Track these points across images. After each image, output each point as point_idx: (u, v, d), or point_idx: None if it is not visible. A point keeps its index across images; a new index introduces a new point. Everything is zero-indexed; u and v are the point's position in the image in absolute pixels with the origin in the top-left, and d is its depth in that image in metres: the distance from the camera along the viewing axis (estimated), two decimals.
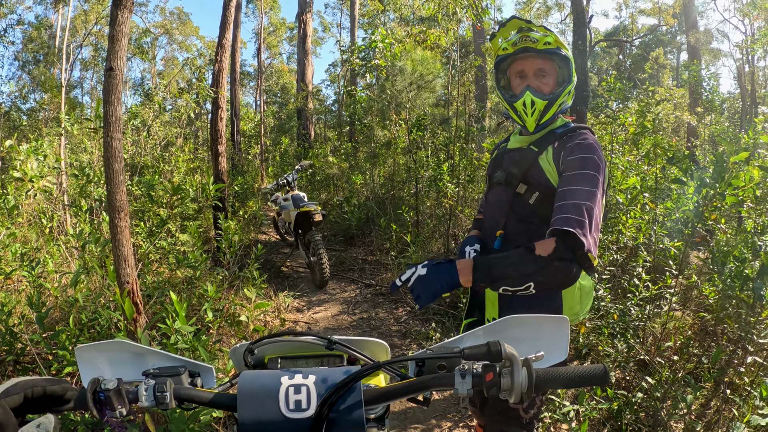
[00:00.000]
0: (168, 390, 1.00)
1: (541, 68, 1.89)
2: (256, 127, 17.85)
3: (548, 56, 1.87)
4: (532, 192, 1.86)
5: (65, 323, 3.41)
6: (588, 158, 1.74)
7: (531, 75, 1.90)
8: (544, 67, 1.89)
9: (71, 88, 26.19)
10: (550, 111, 1.89)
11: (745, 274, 3.19)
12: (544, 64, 1.88)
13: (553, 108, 1.89)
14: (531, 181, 1.87)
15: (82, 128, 7.36)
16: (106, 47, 2.91)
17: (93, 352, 1.15)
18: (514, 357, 0.91)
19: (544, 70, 1.89)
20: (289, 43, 36.93)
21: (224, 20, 7.69)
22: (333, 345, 1.19)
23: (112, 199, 2.90)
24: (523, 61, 1.91)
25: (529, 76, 1.91)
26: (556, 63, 1.90)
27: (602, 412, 3.19)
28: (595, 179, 1.70)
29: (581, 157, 1.75)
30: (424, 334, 4.76)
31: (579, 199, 1.65)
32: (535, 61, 1.89)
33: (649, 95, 7.43)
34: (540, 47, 1.84)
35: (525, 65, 1.91)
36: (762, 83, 15.06)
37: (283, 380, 0.99)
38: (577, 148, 1.78)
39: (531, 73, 1.90)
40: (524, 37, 1.85)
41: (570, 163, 1.76)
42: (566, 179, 1.74)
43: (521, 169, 1.90)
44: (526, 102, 1.89)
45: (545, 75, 1.89)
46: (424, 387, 1.00)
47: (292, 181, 7.07)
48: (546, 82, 1.89)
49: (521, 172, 1.90)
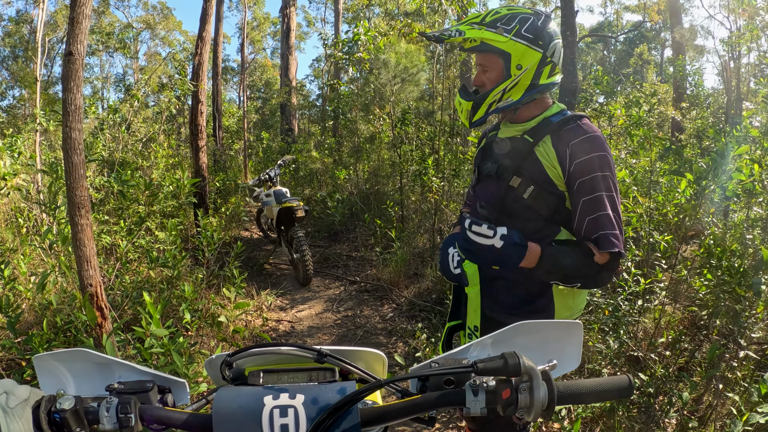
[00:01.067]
0: (133, 410, 0.86)
1: (482, 64, 1.80)
2: (239, 123, 17.64)
3: (481, 52, 1.78)
4: (526, 186, 1.74)
5: (39, 327, 3.26)
6: (599, 157, 1.67)
7: (479, 71, 1.83)
8: (484, 63, 1.79)
9: (51, 84, 25.76)
10: (479, 110, 1.82)
11: (742, 270, 3.13)
12: (483, 59, 1.79)
13: (482, 107, 1.81)
14: (525, 174, 1.75)
15: (58, 125, 7.16)
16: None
17: (53, 361, 1.02)
18: (534, 371, 0.81)
19: (485, 66, 1.79)
20: (273, 38, 36.64)
21: (204, 12, 7.54)
22: (323, 358, 1.01)
23: (72, 195, 2.73)
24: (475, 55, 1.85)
25: (478, 72, 1.84)
26: (496, 56, 1.76)
27: (594, 410, 3.11)
28: (610, 180, 1.68)
29: (592, 158, 1.66)
30: (410, 332, 4.65)
31: (608, 209, 1.66)
32: (478, 56, 1.82)
33: (638, 89, 7.39)
34: (466, 45, 1.79)
35: (476, 59, 1.85)
36: (746, 79, 15.13)
37: (266, 400, 0.85)
38: (585, 144, 1.68)
39: (479, 69, 1.83)
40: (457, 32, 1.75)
41: (583, 166, 1.67)
42: (586, 186, 1.67)
43: (514, 161, 1.78)
44: (456, 103, 1.91)
45: (487, 70, 1.79)
46: (430, 406, 0.87)
47: (275, 177, 6.95)
48: (489, 78, 1.79)
49: (514, 164, 1.77)
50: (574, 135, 1.70)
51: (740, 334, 3.12)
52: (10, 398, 0.79)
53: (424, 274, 5.81)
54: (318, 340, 4.68)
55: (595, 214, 1.65)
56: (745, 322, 3.10)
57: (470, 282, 1.89)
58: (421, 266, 6.05)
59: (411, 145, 8.04)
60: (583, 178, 1.66)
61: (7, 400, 0.78)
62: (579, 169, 1.67)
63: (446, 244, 1.98)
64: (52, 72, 25.94)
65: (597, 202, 1.64)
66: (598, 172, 1.65)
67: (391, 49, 8.06)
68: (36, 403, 0.82)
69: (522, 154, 1.77)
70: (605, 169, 1.65)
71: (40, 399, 0.83)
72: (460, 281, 1.92)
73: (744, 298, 3.14)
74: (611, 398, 0.87)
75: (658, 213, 4.33)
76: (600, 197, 1.64)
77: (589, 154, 1.66)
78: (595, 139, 1.69)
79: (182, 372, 2.71)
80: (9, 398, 0.79)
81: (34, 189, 5.96)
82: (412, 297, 5.40)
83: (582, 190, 1.67)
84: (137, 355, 2.95)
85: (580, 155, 1.67)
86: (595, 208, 1.65)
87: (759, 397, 2.47)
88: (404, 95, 8.30)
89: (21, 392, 0.81)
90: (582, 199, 1.67)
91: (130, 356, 3.07)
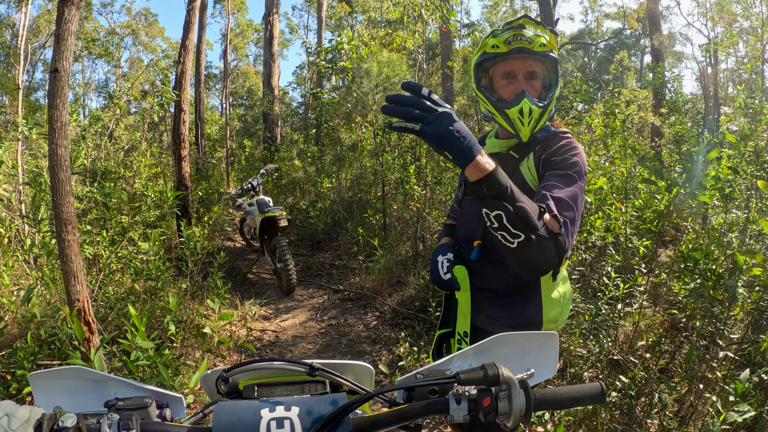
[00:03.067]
0: (134, 426, 0.88)
1: (532, 71, 1.73)
2: (221, 131, 17.57)
3: (541, 58, 1.72)
4: None
5: (23, 340, 3.23)
6: (570, 158, 1.66)
7: (521, 77, 1.74)
8: (535, 70, 1.73)
9: (33, 91, 25.48)
10: (543, 118, 1.74)
11: (717, 273, 3.20)
12: (535, 66, 1.73)
13: (546, 115, 1.74)
14: None
15: (39, 134, 7.09)
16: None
17: (48, 379, 1.03)
18: (512, 380, 0.87)
19: (535, 73, 1.74)
20: (256, 45, 36.68)
21: (188, 21, 7.52)
22: (315, 371, 1.07)
23: (59, 212, 2.71)
24: (513, 61, 1.73)
25: (519, 79, 1.74)
26: (545, 65, 1.75)
27: (578, 413, 3.15)
28: (577, 181, 1.62)
29: (563, 158, 1.66)
30: (393, 340, 4.67)
31: (566, 197, 1.55)
32: (527, 63, 1.73)
33: (616, 96, 7.49)
34: (536, 48, 1.68)
35: (515, 66, 1.74)
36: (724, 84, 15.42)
37: (263, 413, 0.90)
38: (561, 149, 1.69)
39: (521, 76, 1.73)
40: (518, 36, 1.66)
41: (551, 163, 1.67)
42: (548, 179, 1.63)
43: None
44: (524, 110, 1.71)
45: (535, 78, 1.74)
46: (417, 414, 0.92)
47: (257, 186, 6.93)
48: (535, 86, 1.74)
49: None
50: (553, 144, 1.74)
51: (719, 336, 3.18)
52: (12, 420, 0.80)
53: (406, 282, 5.83)
54: (302, 349, 4.68)
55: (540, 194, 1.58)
56: (723, 324, 3.17)
57: (461, 286, 1.86)
58: (403, 274, 6.07)
59: (393, 153, 8.07)
60: (551, 171, 1.66)
61: (9, 423, 0.79)
62: (549, 164, 1.68)
63: (436, 252, 1.97)
64: (33, 78, 25.69)
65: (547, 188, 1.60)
66: (566, 170, 1.64)
67: (374, 58, 8.09)
68: (37, 422, 0.83)
69: (508, 171, 1.75)
70: (574, 170, 1.64)
71: (42, 417, 0.84)
72: (452, 287, 1.89)
73: (720, 301, 3.21)
74: (585, 404, 0.93)
75: (638, 219, 4.40)
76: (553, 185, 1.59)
77: (562, 155, 1.68)
78: (573, 146, 1.70)
79: (169, 384, 2.71)
80: (11, 420, 0.80)
81: (16, 199, 5.88)
82: (395, 305, 5.42)
83: (545, 181, 1.64)
84: (123, 368, 2.94)
85: (553, 155, 1.69)
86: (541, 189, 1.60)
87: (736, 396, 2.52)
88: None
89: (22, 413, 0.82)
90: (542, 184, 1.64)
91: (116, 369, 3.05)
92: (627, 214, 4.10)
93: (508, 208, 1.36)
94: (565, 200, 1.54)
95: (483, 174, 1.33)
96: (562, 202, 1.53)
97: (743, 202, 4.93)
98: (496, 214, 1.39)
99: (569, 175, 1.62)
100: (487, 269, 1.87)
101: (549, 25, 6.44)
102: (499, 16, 31.02)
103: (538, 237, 1.41)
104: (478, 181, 1.35)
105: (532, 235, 1.40)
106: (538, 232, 1.41)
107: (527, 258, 1.48)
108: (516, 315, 1.82)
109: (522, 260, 1.51)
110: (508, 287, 1.82)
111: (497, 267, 1.83)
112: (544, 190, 1.58)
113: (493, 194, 1.36)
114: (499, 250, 1.64)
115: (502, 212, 1.37)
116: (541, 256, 1.47)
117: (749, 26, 15.39)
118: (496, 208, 1.38)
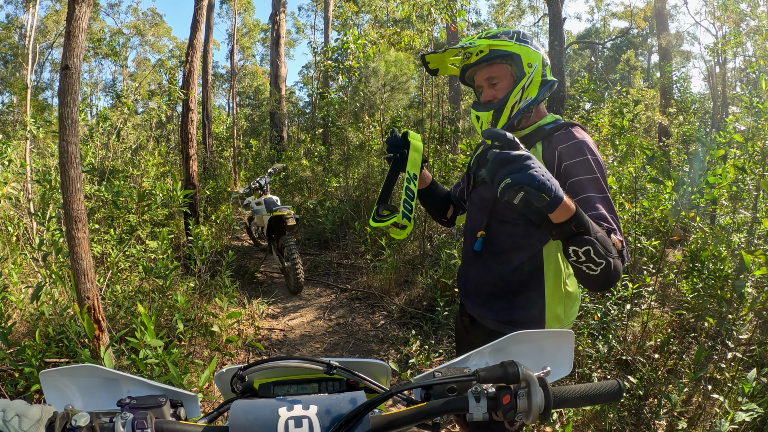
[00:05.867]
0: (149, 425, 0.87)
1: (489, 77, 1.82)
2: (228, 130, 17.62)
3: (489, 63, 1.80)
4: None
5: (31, 338, 3.25)
6: (588, 160, 1.67)
7: (485, 86, 1.84)
8: (492, 75, 1.81)
9: (41, 90, 25.58)
10: (502, 116, 1.80)
11: (723, 273, 3.19)
12: (490, 71, 1.81)
13: (505, 112, 1.79)
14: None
15: (47, 132, 7.14)
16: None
17: (60, 377, 1.01)
18: (532, 378, 0.87)
19: (493, 78, 1.81)
20: (263, 44, 36.66)
21: (195, 20, 7.55)
22: (332, 369, 1.05)
23: (69, 209, 2.72)
24: (474, 74, 1.87)
25: (484, 88, 1.85)
26: (504, 64, 1.80)
27: (586, 413, 3.14)
28: (601, 182, 1.65)
29: (581, 161, 1.67)
30: (402, 339, 4.68)
31: (603, 209, 1.59)
32: (482, 72, 1.83)
33: (624, 96, 7.46)
34: (473, 60, 1.80)
35: (477, 77, 1.86)
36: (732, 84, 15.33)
37: (281, 412, 0.88)
38: (574, 148, 1.70)
39: (485, 85, 1.84)
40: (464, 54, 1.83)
41: (571, 169, 1.68)
42: (575, 188, 1.65)
43: None
44: (472, 119, 1.88)
45: (496, 82, 1.81)
46: (436, 412, 0.91)
47: (265, 185, 6.95)
48: (500, 88, 1.81)
49: None
50: (563, 140, 1.73)
51: (727, 336, 3.17)
52: (23, 421, 0.79)
53: (414, 282, 5.83)
54: (310, 348, 4.69)
55: (591, 213, 1.60)
56: (731, 324, 3.16)
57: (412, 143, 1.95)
58: (411, 273, 6.07)
59: None
60: (572, 179, 1.66)
61: (20, 424, 0.79)
62: (567, 172, 1.68)
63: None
64: (41, 78, 25.81)
65: (589, 202, 1.63)
66: (589, 175, 1.65)
67: (381, 57, 8.10)
68: (49, 422, 0.83)
69: None
70: (594, 172, 1.65)
71: (53, 416, 0.84)
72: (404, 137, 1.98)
73: (727, 300, 3.20)
74: (602, 402, 0.92)
75: (646, 218, 4.39)
76: (592, 198, 1.62)
77: (578, 158, 1.68)
78: (584, 144, 1.70)
79: (178, 383, 2.71)
80: (22, 421, 0.79)
81: (24, 197, 5.92)
82: (403, 304, 5.42)
83: (572, 192, 1.65)
84: (132, 366, 2.95)
85: (568, 158, 1.69)
86: (589, 209, 1.62)
87: (743, 395, 2.52)
88: (393, 103, 8.34)
89: (33, 413, 0.81)
90: (580, 196, 1.65)
91: (124, 367, 3.07)
92: (635, 213, 4.09)
93: (595, 242, 1.38)
94: (602, 216, 1.58)
95: (571, 214, 1.34)
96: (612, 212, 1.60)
97: (751, 202, 4.91)
98: (585, 250, 1.39)
99: (597, 180, 1.65)
100: (490, 261, 1.89)
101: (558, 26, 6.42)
102: (506, 15, 30.93)
103: (614, 260, 1.44)
104: (566, 221, 1.36)
105: (611, 259, 1.43)
106: (614, 255, 1.44)
107: (607, 281, 1.50)
108: (518, 308, 1.84)
109: (603, 283, 1.52)
110: (511, 280, 1.84)
111: (500, 259, 1.87)
112: (588, 203, 1.60)
113: (581, 231, 1.37)
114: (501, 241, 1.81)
115: (590, 247, 1.38)
116: (615, 276, 1.49)
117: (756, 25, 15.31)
118: (584, 244, 1.39)
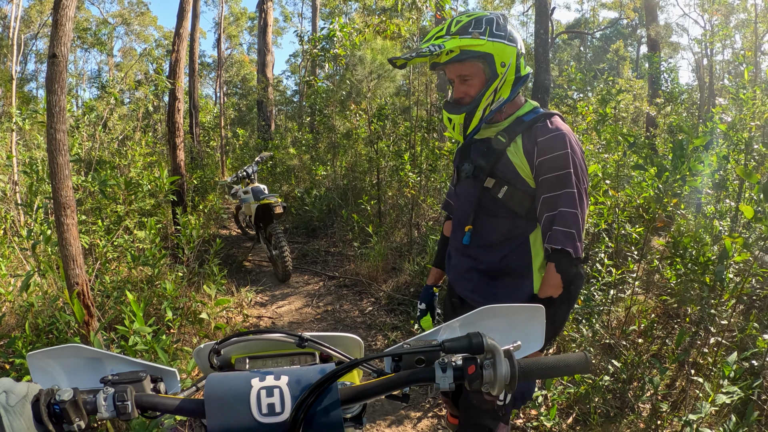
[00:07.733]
0: (129, 398, 0.91)
1: (461, 74, 1.76)
2: (216, 119, 17.50)
3: (461, 61, 1.73)
4: (500, 186, 1.79)
5: (21, 329, 3.25)
6: (564, 155, 1.69)
7: (457, 82, 1.79)
8: (464, 73, 1.75)
9: (25, 82, 25.27)
10: (473, 119, 1.78)
11: (705, 259, 3.23)
12: (462, 69, 1.75)
13: (477, 115, 1.77)
14: (499, 174, 1.79)
15: (33, 123, 7.06)
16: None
17: (46, 358, 1.05)
18: (496, 348, 0.89)
19: (465, 75, 1.76)
20: (250, 33, 36.37)
21: (181, 9, 7.49)
22: (304, 342, 1.10)
23: (58, 196, 2.71)
24: (446, 68, 1.79)
25: (456, 84, 1.80)
26: (476, 62, 1.73)
27: (570, 397, 3.19)
28: (574, 177, 1.68)
29: (557, 156, 1.69)
30: (389, 325, 4.71)
31: (566, 206, 1.66)
32: (453, 68, 1.77)
33: (609, 85, 7.51)
34: (443, 59, 1.73)
35: (450, 72, 1.79)
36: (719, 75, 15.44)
37: (253, 382, 0.91)
38: (551, 142, 1.71)
39: (457, 81, 1.79)
40: (433, 48, 1.68)
41: (547, 164, 1.70)
42: (547, 183, 1.70)
43: (488, 162, 1.82)
44: (444, 120, 1.86)
45: (468, 78, 1.76)
46: (403, 383, 0.94)
47: (252, 174, 6.93)
48: (471, 85, 1.76)
49: (489, 165, 1.81)
50: (541, 132, 1.74)
51: (710, 321, 3.22)
52: (10, 396, 0.82)
53: (401, 269, 5.86)
54: None
55: (555, 210, 1.67)
56: (713, 310, 3.21)
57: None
58: (398, 260, 6.10)
59: (388, 140, 8.07)
60: (547, 176, 1.69)
61: (8, 399, 0.81)
62: (543, 166, 1.70)
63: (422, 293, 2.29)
64: (26, 69, 25.48)
65: (557, 198, 1.67)
66: (560, 170, 1.67)
67: (367, 45, 8.07)
68: (35, 398, 0.85)
69: (495, 155, 1.80)
70: (569, 167, 1.67)
71: (39, 393, 0.86)
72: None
73: (710, 286, 3.25)
74: (570, 373, 0.94)
75: (630, 205, 4.44)
76: (560, 195, 1.67)
77: (554, 152, 1.69)
78: (562, 136, 1.71)
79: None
80: (9, 396, 0.81)
81: (11, 189, 5.87)
82: (390, 291, 5.45)
83: (544, 187, 1.70)
84: (121, 353, 2.95)
85: (545, 153, 1.70)
86: (555, 204, 1.67)
87: (724, 378, 2.57)
88: (380, 91, 8.32)
89: (20, 389, 0.84)
90: (543, 195, 1.71)
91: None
92: (618, 200, 4.13)
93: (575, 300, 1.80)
94: (569, 213, 1.66)
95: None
96: (567, 218, 1.66)
97: (735, 192, 4.98)
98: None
99: (568, 175, 1.68)
100: (479, 253, 1.92)
101: (544, 15, 6.44)
102: (495, 4, 30.86)
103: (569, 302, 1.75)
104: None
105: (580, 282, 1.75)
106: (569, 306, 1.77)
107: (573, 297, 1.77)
108: (507, 291, 1.86)
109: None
110: (500, 269, 1.87)
111: (488, 251, 1.89)
112: (548, 210, 1.70)
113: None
114: (488, 235, 1.86)
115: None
116: (577, 291, 1.77)
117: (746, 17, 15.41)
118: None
